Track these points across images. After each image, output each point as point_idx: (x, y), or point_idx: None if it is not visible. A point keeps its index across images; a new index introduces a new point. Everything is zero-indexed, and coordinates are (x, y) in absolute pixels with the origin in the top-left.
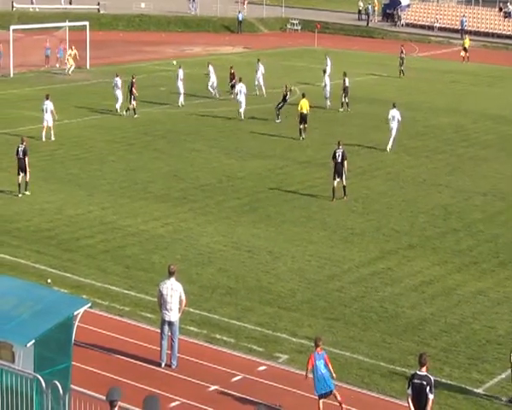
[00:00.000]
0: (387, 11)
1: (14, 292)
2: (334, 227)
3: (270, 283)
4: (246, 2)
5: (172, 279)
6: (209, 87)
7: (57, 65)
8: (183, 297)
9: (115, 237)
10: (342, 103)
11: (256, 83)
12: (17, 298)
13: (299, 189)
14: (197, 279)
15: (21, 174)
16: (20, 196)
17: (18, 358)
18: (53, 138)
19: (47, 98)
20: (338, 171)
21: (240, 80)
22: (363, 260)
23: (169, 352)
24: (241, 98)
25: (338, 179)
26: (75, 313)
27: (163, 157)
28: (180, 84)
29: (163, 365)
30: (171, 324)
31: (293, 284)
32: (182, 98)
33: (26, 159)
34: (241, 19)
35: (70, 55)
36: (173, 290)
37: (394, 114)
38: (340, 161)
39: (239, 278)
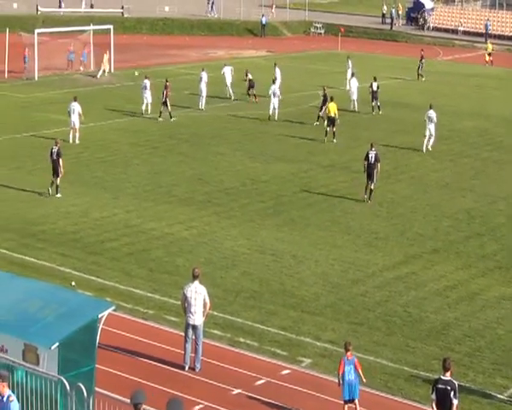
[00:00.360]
0: (411, 15)
1: (38, 295)
2: (358, 231)
3: (293, 286)
4: (274, 7)
5: (196, 283)
6: (228, 87)
7: (81, 68)
8: (208, 301)
9: (140, 240)
10: (373, 107)
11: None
12: (42, 301)
13: (322, 192)
14: (221, 283)
15: (54, 176)
16: (57, 195)
17: (42, 360)
18: (77, 142)
19: (75, 100)
20: (369, 173)
21: (273, 82)
22: (387, 265)
23: (193, 355)
24: (275, 99)
25: (369, 181)
26: (99, 316)
27: (187, 160)
28: (203, 87)
29: (186, 368)
30: (195, 327)
31: (317, 288)
32: (203, 101)
33: (60, 161)
34: (264, 22)
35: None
36: (197, 294)
37: (431, 115)
38: (372, 162)
39: (263, 281)
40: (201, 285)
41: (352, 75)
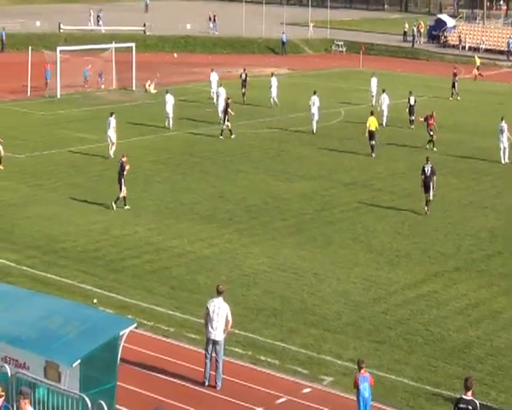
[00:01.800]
0: (433, 32)
1: (60, 312)
2: (380, 249)
3: (315, 304)
4: (311, 25)
5: (220, 299)
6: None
7: (102, 86)
8: (230, 318)
9: (161, 258)
10: (411, 121)
11: (272, 96)
12: (63, 318)
13: (344, 210)
14: (242, 300)
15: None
16: (114, 207)
17: (64, 377)
18: (112, 155)
19: (111, 115)
20: (426, 185)
21: (314, 93)
22: (408, 283)
23: (213, 373)
24: (314, 110)
25: (426, 194)
26: (121, 334)
27: (209, 178)
28: (221, 102)
29: (207, 383)
30: (215, 343)
31: (339, 306)
32: (222, 116)
33: (124, 174)
34: (285, 40)
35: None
36: (220, 309)
37: (502, 126)
38: (428, 175)
39: (284, 299)
40: (225, 302)
41: (383, 91)
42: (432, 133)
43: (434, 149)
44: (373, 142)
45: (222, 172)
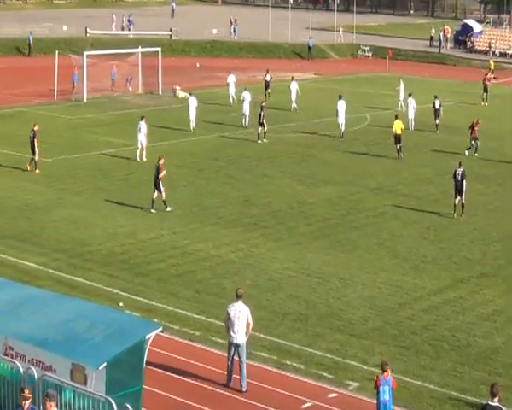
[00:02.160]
0: (459, 38)
1: (86, 315)
2: (406, 255)
3: (340, 309)
4: (342, 30)
5: (240, 302)
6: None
7: (130, 89)
8: (250, 320)
9: (186, 262)
10: (436, 125)
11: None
12: (89, 321)
13: (370, 215)
14: (268, 305)
15: (156, 192)
16: (153, 211)
17: (90, 380)
18: (145, 159)
19: (142, 119)
20: (458, 189)
21: (340, 97)
22: (434, 289)
23: (237, 377)
24: (341, 115)
25: (458, 198)
26: (147, 337)
27: (234, 182)
28: (246, 106)
29: (230, 385)
30: (238, 346)
31: (364, 311)
32: (247, 119)
33: (160, 176)
34: (311, 45)
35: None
36: (241, 313)
37: None
38: (459, 179)
39: (309, 304)
40: (245, 305)
41: (410, 95)
42: (473, 142)
43: (476, 154)
44: (399, 145)
45: (247, 176)
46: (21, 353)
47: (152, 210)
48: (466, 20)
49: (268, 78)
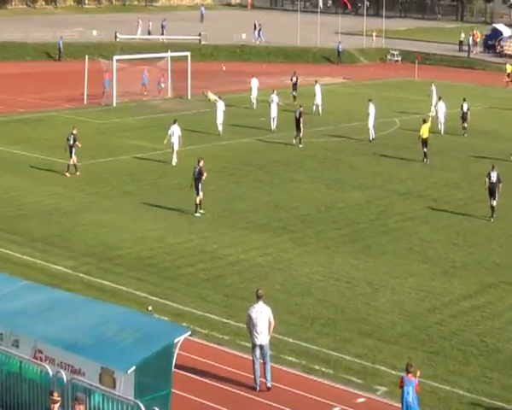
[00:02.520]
0: (489, 42)
1: (115, 319)
2: (435, 259)
3: (369, 314)
4: (374, 34)
5: (261, 303)
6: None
7: (161, 87)
8: (272, 320)
9: (215, 266)
10: (463, 128)
11: (314, 104)
12: (118, 325)
13: (399, 220)
14: (296, 310)
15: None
16: (197, 215)
17: (119, 384)
18: (174, 163)
19: (174, 123)
20: (492, 192)
21: (369, 101)
22: (463, 294)
23: (263, 380)
24: (371, 118)
25: (491, 200)
26: (175, 341)
27: (263, 187)
28: (274, 108)
29: (258, 388)
30: (262, 347)
31: (393, 316)
32: (275, 122)
33: (202, 179)
34: (340, 49)
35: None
36: (262, 314)
37: None
38: (494, 181)
39: (338, 308)
40: (266, 305)
41: (439, 99)
42: None
43: None
44: (425, 149)
45: (276, 180)
46: (51, 356)
47: (196, 214)
48: (495, 25)
49: (295, 79)
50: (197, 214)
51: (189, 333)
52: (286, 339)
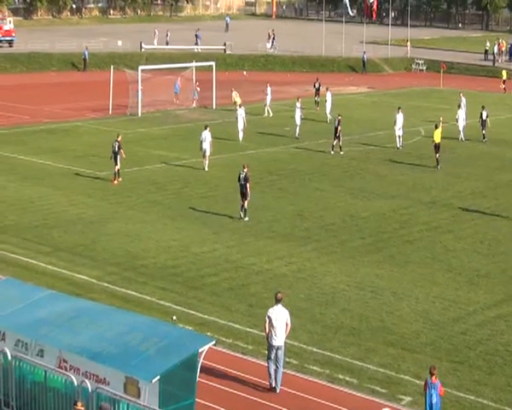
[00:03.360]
0: None
1: (139, 328)
2: (460, 269)
3: (393, 324)
4: (409, 44)
5: (280, 306)
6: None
7: (194, 104)
8: (289, 322)
9: (239, 276)
10: (484, 135)
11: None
12: (143, 334)
13: (423, 229)
14: (320, 319)
15: (244, 200)
16: (245, 219)
17: (143, 393)
18: (206, 169)
19: (205, 128)
20: None
21: (399, 109)
22: (488, 303)
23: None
24: (399, 127)
25: None
26: (200, 350)
27: (287, 196)
28: (298, 116)
29: (274, 385)
30: (279, 348)
31: (417, 326)
32: (298, 130)
33: (248, 185)
34: (365, 59)
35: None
36: (281, 316)
37: None
38: None
39: (362, 318)
40: (284, 308)
41: (459, 107)
42: None
43: None
44: (438, 155)
45: (300, 190)
46: (75, 366)
47: (245, 218)
48: None
49: (317, 85)
50: (246, 219)
51: (214, 343)
52: (310, 348)
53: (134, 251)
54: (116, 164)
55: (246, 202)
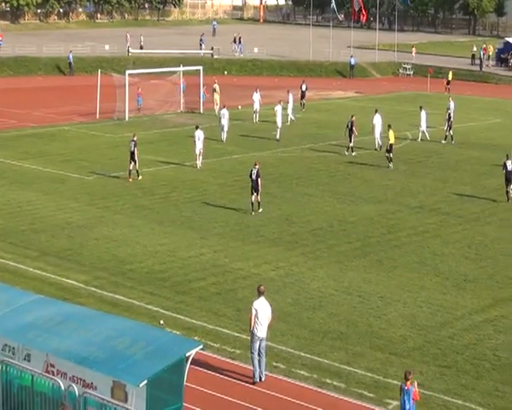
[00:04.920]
0: (501, 55)
1: (127, 333)
2: (447, 273)
3: (381, 328)
4: (414, 50)
5: (263, 298)
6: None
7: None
8: (270, 314)
9: (227, 280)
10: (446, 136)
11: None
12: (130, 339)
13: (411, 234)
14: (308, 323)
15: (254, 194)
16: (253, 213)
17: (131, 398)
18: (200, 166)
19: (197, 129)
20: (508, 179)
21: (376, 112)
22: (475, 307)
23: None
24: (377, 129)
25: (507, 187)
26: (187, 355)
27: (275, 201)
28: (279, 119)
29: (258, 380)
30: (262, 339)
31: (405, 330)
32: (279, 132)
33: (259, 180)
34: (353, 63)
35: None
36: (265, 308)
37: None
38: (510, 169)
39: (350, 322)
40: (266, 301)
41: (421, 108)
42: None
43: None
44: (390, 154)
45: (288, 194)
46: (62, 370)
47: (260, 210)
48: (507, 38)
49: (304, 87)
50: (260, 210)
51: (201, 347)
52: (298, 353)
53: (121, 256)
54: (131, 162)
55: (259, 196)
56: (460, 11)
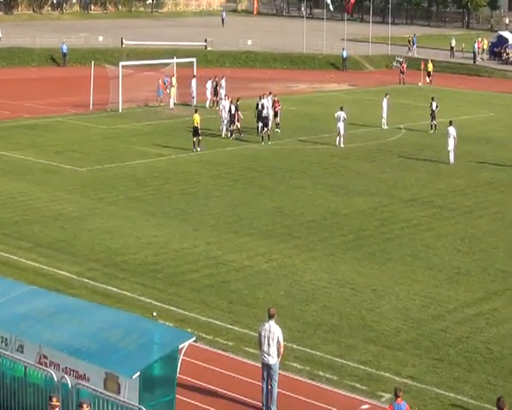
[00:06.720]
0: (494, 49)
1: (120, 324)
2: (440, 266)
3: (373, 321)
4: (414, 45)
5: (272, 322)
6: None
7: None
8: (281, 341)
9: (220, 272)
10: (431, 126)
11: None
12: (123, 330)
13: (404, 227)
14: (301, 316)
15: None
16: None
17: (123, 389)
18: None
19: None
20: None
21: (341, 109)
22: (468, 301)
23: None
24: (340, 125)
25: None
26: (180, 347)
27: (268, 193)
28: (270, 112)
29: (264, 409)
30: (269, 367)
31: (398, 323)
32: (269, 124)
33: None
34: (345, 56)
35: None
36: (271, 333)
37: None
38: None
39: (342, 315)
40: (276, 325)
41: (386, 95)
42: None
43: None
44: (197, 138)
45: (281, 187)
46: (55, 361)
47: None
48: (501, 32)
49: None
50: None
51: (194, 339)
52: (290, 345)
53: (114, 247)
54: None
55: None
56: (454, 4)
